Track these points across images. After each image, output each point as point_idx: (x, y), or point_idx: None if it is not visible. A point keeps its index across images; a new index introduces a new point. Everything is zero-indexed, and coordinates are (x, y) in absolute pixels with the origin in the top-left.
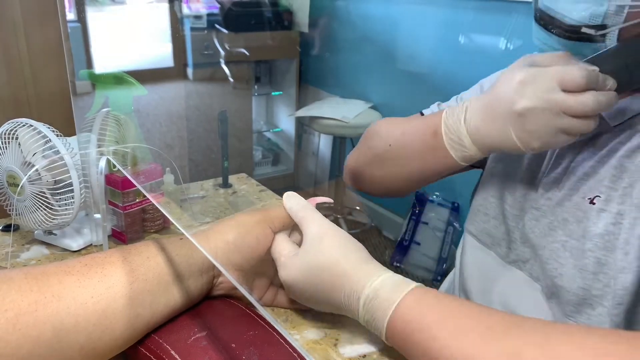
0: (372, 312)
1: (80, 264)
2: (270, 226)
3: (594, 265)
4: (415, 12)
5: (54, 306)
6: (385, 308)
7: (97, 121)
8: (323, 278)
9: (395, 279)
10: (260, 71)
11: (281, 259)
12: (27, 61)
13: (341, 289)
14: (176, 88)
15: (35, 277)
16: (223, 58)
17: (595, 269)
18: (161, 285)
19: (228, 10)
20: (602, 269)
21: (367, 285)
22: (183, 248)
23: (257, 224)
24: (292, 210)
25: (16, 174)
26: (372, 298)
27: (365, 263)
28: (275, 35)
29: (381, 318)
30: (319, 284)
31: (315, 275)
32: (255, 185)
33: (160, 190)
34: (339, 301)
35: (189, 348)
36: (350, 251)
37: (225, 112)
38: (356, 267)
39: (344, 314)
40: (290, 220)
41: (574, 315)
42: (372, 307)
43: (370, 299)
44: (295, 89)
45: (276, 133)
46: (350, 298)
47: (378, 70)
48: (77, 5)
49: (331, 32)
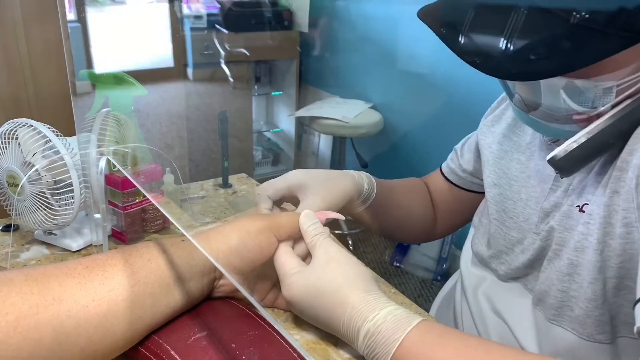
0: (373, 348)
1: (81, 266)
2: (275, 234)
3: (567, 267)
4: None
5: (55, 309)
6: (387, 345)
7: (97, 121)
8: (323, 303)
9: (397, 313)
10: (260, 71)
11: (284, 276)
12: (27, 61)
13: (340, 317)
14: (176, 88)
15: (36, 279)
16: (223, 58)
17: (569, 270)
18: (162, 287)
19: (228, 10)
20: (575, 270)
21: (369, 318)
22: (184, 250)
23: (261, 230)
24: (307, 233)
25: (16, 174)
26: (373, 333)
27: (367, 293)
28: (275, 35)
29: (383, 357)
30: (319, 308)
31: (315, 299)
32: (255, 185)
33: (160, 190)
34: (337, 328)
35: (189, 348)
36: (353, 279)
37: (225, 112)
38: (357, 297)
39: (342, 339)
40: (296, 230)
41: (556, 318)
42: (374, 343)
43: (371, 334)
44: (295, 89)
45: (276, 133)
46: (348, 328)
47: (378, 70)
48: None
49: (331, 32)
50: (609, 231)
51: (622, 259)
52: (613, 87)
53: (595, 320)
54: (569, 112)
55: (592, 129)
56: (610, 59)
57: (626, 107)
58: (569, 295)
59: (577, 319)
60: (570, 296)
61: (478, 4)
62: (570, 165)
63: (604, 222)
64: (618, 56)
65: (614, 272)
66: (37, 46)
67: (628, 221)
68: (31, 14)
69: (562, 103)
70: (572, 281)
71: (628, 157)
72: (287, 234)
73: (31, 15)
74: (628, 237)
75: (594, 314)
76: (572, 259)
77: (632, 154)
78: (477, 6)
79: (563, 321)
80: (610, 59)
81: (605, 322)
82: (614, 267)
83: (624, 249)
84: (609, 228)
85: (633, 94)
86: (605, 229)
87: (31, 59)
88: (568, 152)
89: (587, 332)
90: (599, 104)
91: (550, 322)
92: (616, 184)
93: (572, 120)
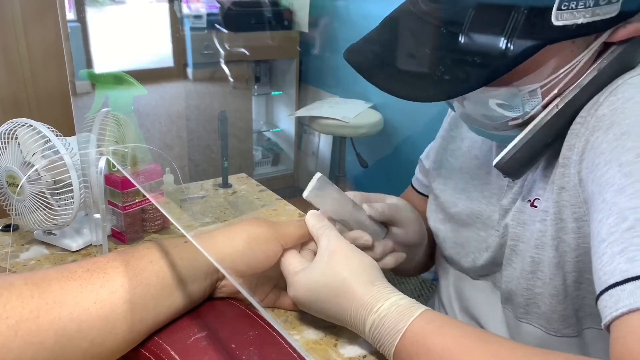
0: (379, 339)
1: (82, 269)
2: (281, 242)
3: (530, 264)
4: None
5: (56, 312)
6: (391, 337)
7: (96, 121)
8: (329, 296)
9: (401, 304)
10: (260, 71)
11: (289, 275)
12: (26, 61)
13: (347, 309)
14: (176, 88)
15: (36, 283)
16: (223, 58)
17: (532, 268)
18: (164, 289)
19: (228, 9)
20: (538, 267)
21: (374, 310)
22: (188, 252)
23: (269, 239)
24: (313, 228)
25: (16, 174)
26: (378, 325)
27: (372, 284)
28: (275, 35)
29: (388, 347)
30: (325, 302)
31: (321, 294)
32: (255, 185)
33: (160, 190)
34: (345, 319)
35: (189, 348)
36: (359, 270)
37: (225, 112)
38: (363, 288)
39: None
40: (301, 239)
41: (525, 316)
42: (379, 334)
43: (376, 325)
44: (295, 89)
45: (276, 133)
46: (355, 320)
47: None
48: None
49: (331, 32)
50: (561, 227)
51: (578, 252)
52: (537, 89)
53: (560, 315)
54: (504, 119)
55: (528, 131)
56: (524, 65)
57: (555, 106)
58: (534, 293)
59: (543, 315)
60: (536, 293)
61: (385, 39)
62: (515, 168)
63: (556, 218)
64: (532, 60)
65: (571, 267)
66: (37, 46)
67: (578, 216)
68: (31, 14)
69: (495, 112)
70: (536, 278)
71: (568, 153)
72: (293, 243)
73: (31, 15)
74: (580, 231)
75: (558, 309)
76: (533, 256)
77: (572, 150)
78: (385, 39)
79: (531, 318)
80: (525, 65)
81: (570, 316)
82: (571, 262)
83: (577, 243)
84: (561, 224)
85: (561, 92)
86: (557, 224)
87: (31, 59)
88: (511, 156)
89: (554, 327)
90: (528, 107)
91: (519, 319)
92: (561, 179)
93: (509, 127)
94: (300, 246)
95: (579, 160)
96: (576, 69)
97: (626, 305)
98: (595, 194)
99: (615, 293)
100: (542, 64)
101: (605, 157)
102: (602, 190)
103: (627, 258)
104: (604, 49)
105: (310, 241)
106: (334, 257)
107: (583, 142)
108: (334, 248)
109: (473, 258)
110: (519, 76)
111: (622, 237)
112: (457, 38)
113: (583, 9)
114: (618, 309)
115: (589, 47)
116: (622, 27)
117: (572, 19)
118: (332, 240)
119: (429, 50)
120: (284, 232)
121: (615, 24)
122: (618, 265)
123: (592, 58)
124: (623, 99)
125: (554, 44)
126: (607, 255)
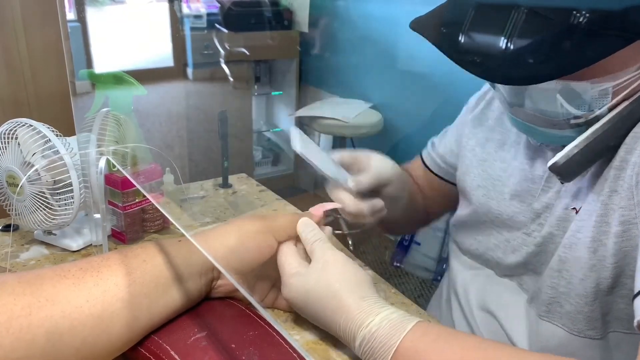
0: (369, 354)
1: (75, 268)
2: (274, 235)
3: (557, 263)
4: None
5: (48, 310)
6: (384, 352)
7: (96, 121)
8: (320, 306)
9: (392, 317)
10: (260, 71)
11: (284, 276)
12: (27, 61)
13: (337, 322)
14: (176, 88)
15: (29, 281)
16: (223, 58)
17: (559, 267)
18: (159, 287)
19: (228, 9)
20: (564, 266)
21: (364, 325)
22: (182, 250)
23: (260, 231)
24: (306, 240)
25: (16, 174)
26: (369, 340)
27: (362, 299)
28: (275, 34)
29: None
30: (316, 311)
31: (313, 302)
32: (255, 185)
33: (160, 190)
34: (335, 332)
35: (189, 348)
36: (350, 284)
37: (225, 112)
38: (353, 302)
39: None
40: (295, 232)
41: (547, 315)
42: (370, 349)
43: (367, 340)
44: (295, 89)
45: (276, 133)
46: (345, 333)
47: (378, 70)
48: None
49: (331, 32)
50: (605, 230)
51: (617, 258)
52: (609, 88)
53: (586, 316)
54: (566, 117)
55: (592, 132)
56: (605, 60)
57: (624, 109)
58: (558, 292)
59: (567, 315)
60: (560, 292)
61: (477, 5)
62: (571, 170)
63: (600, 221)
64: (613, 57)
65: (609, 273)
66: (37, 46)
67: (626, 219)
68: (31, 14)
69: (560, 107)
70: (560, 277)
71: (627, 156)
72: (286, 236)
73: (31, 15)
74: (624, 235)
75: (584, 310)
76: (561, 255)
77: (631, 153)
78: (476, 8)
79: (553, 317)
80: (606, 60)
81: (596, 319)
82: (609, 268)
83: (619, 247)
84: (605, 227)
85: (630, 95)
86: (601, 227)
87: (31, 59)
88: (569, 158)
89: (578, 327)
90: (595, 106)
91: (541, 318)
92: (615, 183)
93: (569, 125)
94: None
95: (638, 164)
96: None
97: None
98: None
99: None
100: (623, 62)
101: None
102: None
103: None
104: None
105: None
106: (328, 269)
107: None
108: (328, 258)
109: (494, 256)
110: (596, 72)
111: None
112: (541, 23)
113: None
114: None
115: None
116: None
117: None
118: (326, 251)
119: (510, 33)
120: (277, 224)
121: None
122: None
123: None
124: None
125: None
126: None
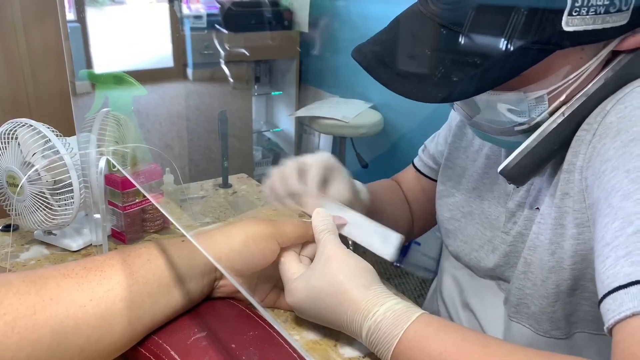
0: (375, 345)
1: (79, 266)
2: (279, 241)
3: (522, 265)
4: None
5: (53, 309)
6: (387, 342)
7: (97, 121)
8: (326, 303)
9: (397, 308)
10: (260, 71)
11: (287, 282)
12: (27, 61)
13: (344, 315)
14: (176, 88)
15: (34, 280)
16: (223, 58)
17: (524, 269)
18: (162, 287)
19: (228, 10)
20: (529, 268)
21: (369, 316)
22: (185, 250)
23: (266, 237)
24: (316, 228)
25: (16, 174)
26: (374, 331)
27: (367, 288)
28: (275, 35)
29: (384, 352)
30: (322, 309)
31: (318, 300)
32: (255, 186)
33: (160, 190)
34: (342, 325)
35: (189, 348)
36: (353, 274)
37: (225, 112)
38: (358, 292)
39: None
40: (300, 240)
41: (515, 315)
42: (376, 339)
43: (372, 331)
44: (295, 89)
45: (276, 133)
46: (352, 325)
47: None
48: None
49: (331, 32)
50: (561, 232)
51: (575, 260)
52: (544, 95)
53: (549, 317)
54: (511, 124)
55: (535, 138)
56: (532, 70)
57: (562, 113)
58: (525, 293)
59: (533, 316)
60: (526, 294)
61: (393, 39)
62: (521, 174)
63: (556, 223)
64: (540, 66)
65: (567, 274)
66: (37, 46)
67: (580, 221)
68: (31, 14)
69: (502, 117)
70: (526, 279)
71: (573, 159)
72: (290, 242)
73: (31, 15)
74: (580, 237)
75: (547, 311)
76: (526, 257)
77: (577, 156)
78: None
79: (521, 318)
80: (532, 70)
81: (559, 319)
82: (567, 269)
83: (575, 250)
84: (560, 229)
85: (568, 99)
86: (556, 230)
87: (31, 59)
88: (517, 162)
89: (543, 328)
90: (534, 113)
91: (511, 319)
92: (566, 185)
93: (516, 132)
94: (301, 247)
95: (585, 167)
96: (584, 76)
97: (629, 309)
98: (601, 200)
99: (619, 296)
100: (550, 70)
101: (612, 164)
102: (608, 196)
103: (631, 262)
104: (611, 57)
105: (308, 244)
106: (330, 262)
107: (590, 149)
108: (330, 253)
109: (477, 257)
110: (526, 82)
111: (627, 241)
112: (464, 40)
113: (594, 15)
114: (621, 312)
115: (597, 55)
116: (631, 36)
117: (583, 25)
118: (329, 245)
119: (436, 52)
120: (282, 230)
121: (624, 33)
122: (622, 269)
123: (599, 66)
124: (631, 107)
125: (563, 49)
126: (611, 259)
